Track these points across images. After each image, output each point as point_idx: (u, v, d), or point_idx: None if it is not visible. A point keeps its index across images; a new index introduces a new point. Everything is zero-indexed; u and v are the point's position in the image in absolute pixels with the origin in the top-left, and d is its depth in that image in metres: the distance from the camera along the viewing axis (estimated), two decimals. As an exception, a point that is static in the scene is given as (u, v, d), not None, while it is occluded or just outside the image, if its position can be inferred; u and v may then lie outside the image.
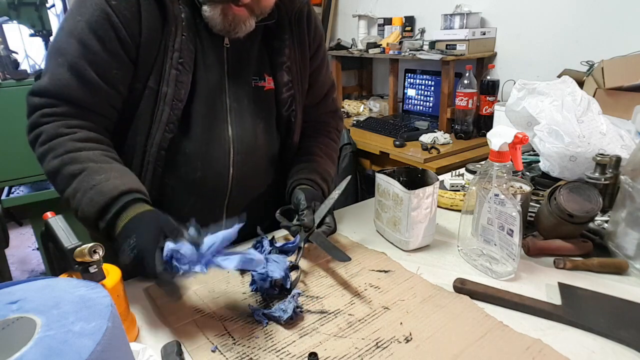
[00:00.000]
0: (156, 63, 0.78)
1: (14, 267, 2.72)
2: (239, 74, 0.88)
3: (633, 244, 0.77)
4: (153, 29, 0.76)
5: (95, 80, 0.74)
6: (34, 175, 2.08)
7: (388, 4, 2.79)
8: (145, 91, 0.78)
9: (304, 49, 0.95)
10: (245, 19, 0.79)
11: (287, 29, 0.91)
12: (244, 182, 0.91)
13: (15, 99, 1.96)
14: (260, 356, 0.59)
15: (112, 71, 0.76)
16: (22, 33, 3.06)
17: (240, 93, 0.88)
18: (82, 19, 0.73)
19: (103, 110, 0.78)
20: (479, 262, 0.80)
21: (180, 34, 0.78)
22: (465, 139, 2.13)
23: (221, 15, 0.77)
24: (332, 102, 1.09)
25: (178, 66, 0.78)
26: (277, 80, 0.92)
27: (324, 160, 1.00)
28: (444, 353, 0.58)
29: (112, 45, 0.74)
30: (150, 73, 0.78)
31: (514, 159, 0.74)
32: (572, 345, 0.60)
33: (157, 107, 0.79)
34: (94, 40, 0.73)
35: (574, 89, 1.09)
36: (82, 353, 0.30)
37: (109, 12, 0.73)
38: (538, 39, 2.04)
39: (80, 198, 0.69)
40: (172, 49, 0.77)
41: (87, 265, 0.57)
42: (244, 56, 0.88)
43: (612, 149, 1.00)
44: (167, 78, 0.78)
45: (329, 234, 0.81)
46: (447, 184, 1.17)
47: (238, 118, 0.88)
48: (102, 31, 0.73)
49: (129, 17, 0.74)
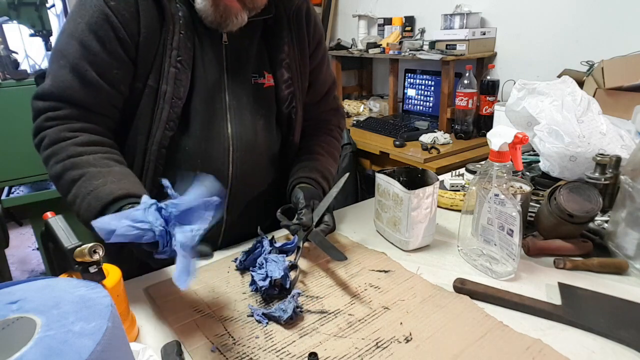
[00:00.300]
0: (155, 62, 0.78)
1: (14, 267, 2.72)
2: (238, 71, 0.88)
3: (633, 244, 0.77)
4: (151, 28, 0.77)
5: (96, 81, 0.75)
6: (34, 175, 2.08)
7: (388, 4, 2.79)
8: (145, 90, 0.79)
9: (304, 46, 0.95)
10: (237, 12, 0.79)
11: (285, 26, 0.91)
12: (244, 179, 0.90)
13: (15, 99, 1.96)
14: (260, 356, 0.59)
15: (112, 71, 0.76)
16: (22, 33, 3.06)
17: (240, 90, 0.88)
18: (82, 20, 0.74)
19: (105, 110, 0.79)
20: (479, 262, 0.80)
21: (178, 32, 0.78)
22: (465, 139, 2.13)
23: (212, 6, 0.77)
24: (333, 100, 1.09)
25: (177, 64, 0.79)
26: (277, 77, 0.92)
27: (325, 158, 1.00)
28: (444, 353, 0.58)
29: (112, 46, 0.75)
30: (150, 72, 0.79)
31: (514, 159, 0.74)
32: (572, 345, 0.60)
33: (157, 105, 0.79)
34: (94, 41, 0.74)
35: (574, 89, 1.09)
36: (82, 353, 0.30)
37: (107, 13, 0.74)
38: (538, 39, 2.04)
39: (80, 203, 0.71)
40: (170, 47, 0.78)
41: (87, 265, 0.57)
42: (242, 53, 0.89)
43: (612, 149, 1.00)
44: (166, 76, 0.78)
45: (327, 232, 0.81)
46: (447, 184, 1.17)
47: (237, 115, 0.88)
48: (102, 32, 0.74)
49: (127, 17, 0.75)
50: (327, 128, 1.07)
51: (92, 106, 0.77)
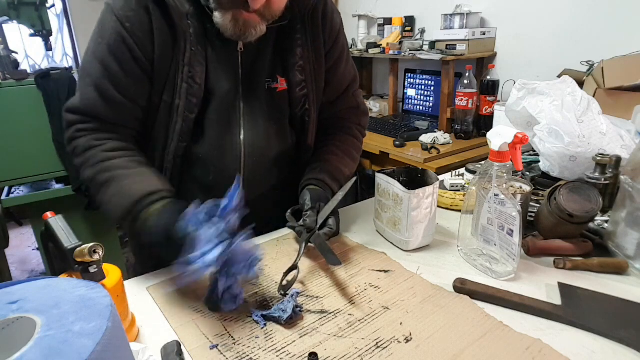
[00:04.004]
0: (169, 77, 0.82)
1: (14, 267, 2.72)
2: (253, 77, 0.89)
3: (633, 244, 0.77)
4: (165, 45, 0.80)
5: (118, 98, 0.81)
6: (34, 175, 2.07)
7: (388, 4, 2.79)
8: (161, 104, 0.84)
9: (319, 46, 0.93)
10: (256, 24, 0.79)
11: (299, 29, 0.90)
12: (255, 185, 0.93)
13: (15, 99, 1.96)
14: (260, 356, 0.59)
15: (131, 88, 0.82)
16: (22, 33, 3.05)
17: (254, 97, 0.90)
18: (103, 41, 0.80)
19: (128, 123, 0.85)
20: (479, 262, 0.80)
21: (190, 49, 0.81)
22: (465, 139, 2.13)
23: (232, 21, 0.77)
24: (352, 98, 1.05)
25: (189, 80, 0.82)
26: (290, 80, 0.92)
27: (337, 158, 0.99)
28: (444, 353, 0.58)
29: (129, 66, 0.80)
30: (164, 87, 0.83)
31: (514, 159, 0.74)
32: (572, 345, 0.60)
33: (171, 119, 0.84)
34: (113, 62, 0.80)
35: (574, 89, 1.09)
36: (82, 353, 0.30)
37: (124, 34, 0.78)
38: (538, 39, 2.04)
39: (109, 202, 0.77)
40: (182, 63, 0.81)
41: (87, 265, 0.57)
42: (257, 60, 0.89)
43: (612, 149, 1.00)
44: (179, 91, 0.82)
45: (330, 236, 0.81)
46: (447, 184, 1.17)
47: (251, 122, 0.90)
48: (120, 53, 0.79)
49: (142, 37, 0.79)
50: (345, 126, 1.05)
51: (115, 120, 0.83)
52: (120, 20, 0.78)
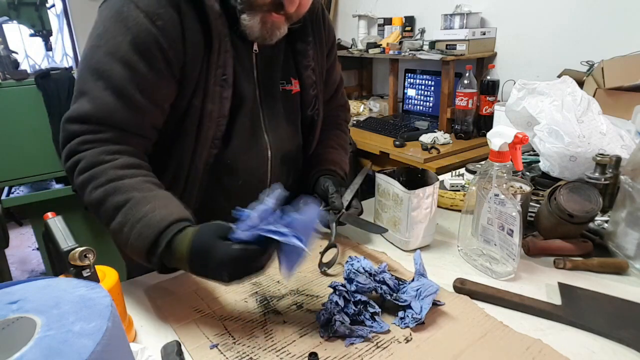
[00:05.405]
0: (200, 80, 0.77)
1: (14, 267, 2.72)
2: (268, 79, 0.89)
3: (633, 244, 0.77)
4: (196, 46, 0.75)
5: (143, 103, 0.73)
6: (34, 175, 2.08)
7: (388, 4, 2.79)
8: (190, 109, 0.78)
9: (323, 48, 0.97)
10: (281, 26, 0.79)
11: (309, 31, 0.91)
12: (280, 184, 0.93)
13: (15, 99, 1.96)
14: (260, 356, 0.59)
15: (160, 91, 0.75)
16: (22, 33, 3.05)
17: (272, 99, 0.90)
18: (124, 39, 0.70)
19: (146, 132, 0.77)
20: (479, 262, 0.80)
21: (224, 51, 0.77)
22: (465, 139, 2.13)
23: (260, 23, 0.76)
24: (341, 96, 1.12)
25: (222, 82, 0.78)
26: (304, 82, 0.93)
27: (338, 151, 1.04)
28: (444, 353, 0.58)
29: (160, 67, 0.73)
30: (195, 91, 0.77)
31: (514, 159, 0.74)
32: (572, 345, 0.60)
33: (201, 124, 0.78)
34: (141, 63, 0.71)
35: (574, 89, 1.09)
36: (82, 353, 0.30)
37: (155, 33, 0.71)
38: (538, 39, 2.04)
39: (129, 232, 0.65)
40: (215, 65, 0.77)
41: (80, 269, 0.57)
42: (271, 61, 0.89)
43: (612, 149, 1.00)
44: (212, 95, 0.77)
45: (357, 215, 0.87)
46: (447, 184, 1.17)
47: (272, 124, 0.90)
48: (149, 53, 0.71)
49: (174, 37, 0.73)
50: (337, 123, 1.10)
51: (134, 128, 0.74)
52: (150, 17, 0.70)
